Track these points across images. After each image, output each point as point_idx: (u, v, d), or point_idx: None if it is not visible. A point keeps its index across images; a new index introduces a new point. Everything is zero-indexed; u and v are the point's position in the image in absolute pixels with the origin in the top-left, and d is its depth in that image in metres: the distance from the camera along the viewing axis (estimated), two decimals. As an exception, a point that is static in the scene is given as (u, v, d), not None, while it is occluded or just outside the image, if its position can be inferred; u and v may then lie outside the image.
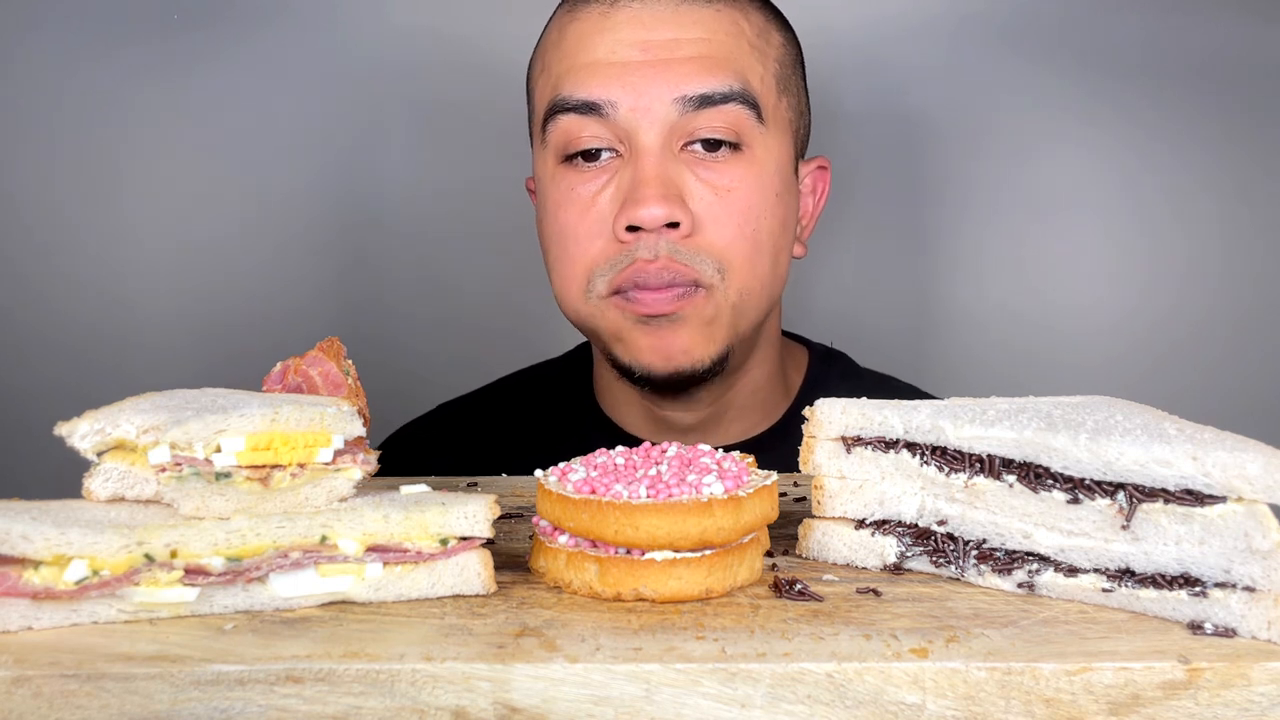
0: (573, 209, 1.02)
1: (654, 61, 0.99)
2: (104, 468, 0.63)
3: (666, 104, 0.98)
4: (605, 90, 0.99)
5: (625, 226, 0.97)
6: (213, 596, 0.59)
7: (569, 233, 1.02)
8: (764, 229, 1.01)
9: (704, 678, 0.53)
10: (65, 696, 0.52)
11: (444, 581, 0.62)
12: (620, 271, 0.99)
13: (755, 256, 1.01)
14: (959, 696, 0.53)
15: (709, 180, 0.99)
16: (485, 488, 0.85)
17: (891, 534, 0.68)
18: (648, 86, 0.98)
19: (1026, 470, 0.63)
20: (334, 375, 0.69)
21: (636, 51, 0.99)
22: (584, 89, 1.00)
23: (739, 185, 1.00)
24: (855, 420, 0.68)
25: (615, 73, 0.99)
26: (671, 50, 0.99)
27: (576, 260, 1.02)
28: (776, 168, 1.03)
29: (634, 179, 0.98)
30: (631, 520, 0.60)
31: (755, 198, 1.01)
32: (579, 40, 1.02)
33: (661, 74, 0.98)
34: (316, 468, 0.61)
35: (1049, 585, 0.63)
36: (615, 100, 0.98)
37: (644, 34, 1.00)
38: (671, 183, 0.98)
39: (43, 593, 0.56)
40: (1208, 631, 0.58)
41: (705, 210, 0.99)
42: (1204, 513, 0.58)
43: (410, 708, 0.53)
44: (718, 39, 1.00)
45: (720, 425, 1.11)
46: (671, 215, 0.96)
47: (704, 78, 0.98)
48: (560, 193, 1.03)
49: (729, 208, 0.99)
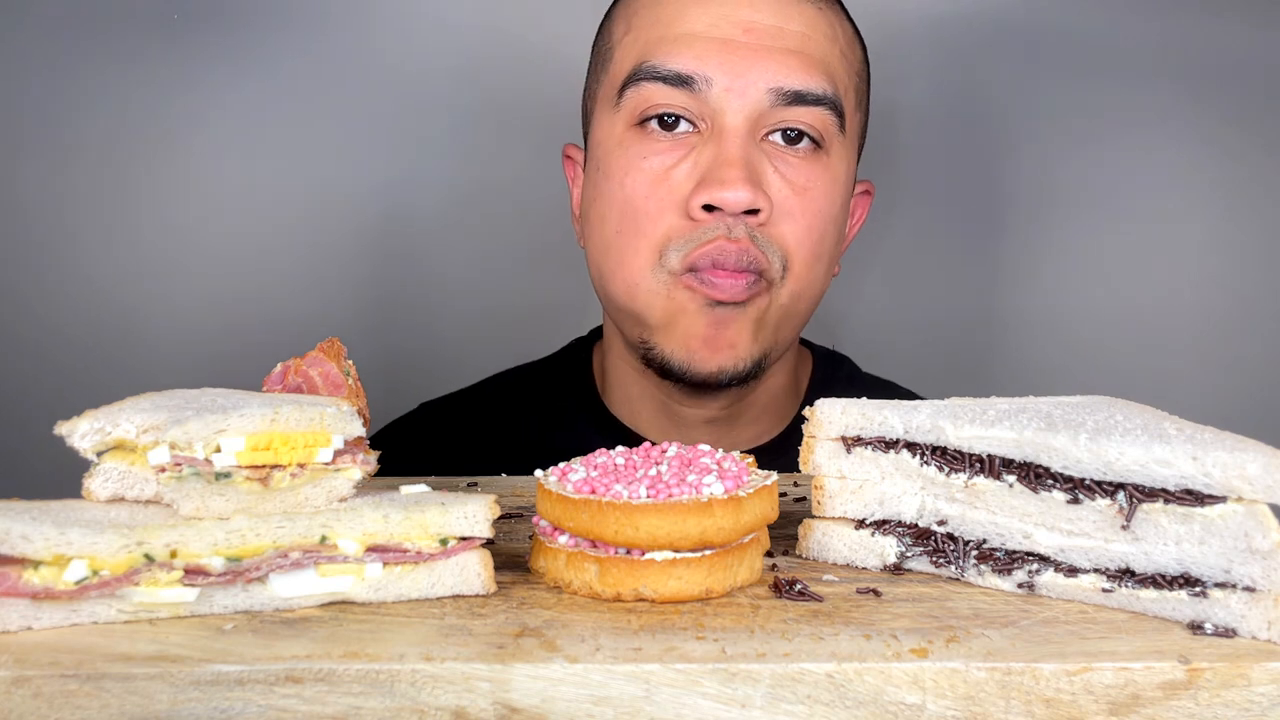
0: (642, 179, 0.98)
1: (755, 46, 0.96)
2: (104, 468, 0.63)
3: (761, 91, 0.96)
4: (701, 65, 0.96)
5: (703, 205, 0.95)
6: (213, 596, 0.59)
7: (637, 204, 0.98)
8: (828, 235, 1.01)
9: (704, 678, 0.53)
10: (65, 696, 0.52)
11: (444, 581, 0.62)
12: (699, 246, 0.96)
13: (815, 261, 1.00)
14: (959, 696, 0.53)
15: (786, 174, 0.98)
16: (485, 488, 0.85)
17: (891, 534, 0.68)
18: (746, 69, 0.96)
19: (1026, 470, 0.63)
20: (334, 375, 0.69)
21: (739, 31, 0.97)
22: (678, 60, 0.97)
23: (814, 186, 0.99)
24: (855, 420, 0.68)
25: (714, 49, 0.96)
26: (774, 38, 0.97)
27: (647, 233, 0.98)
28: (846, 179, 1.03)
29: (717, 158, 0.96)
30: (631, 520, 0.60)
31: (826, 202, 1.00)
32: (678, 7, 0.99)
33: (762, 59, 0.96)
34: (316, 468, 0.61)
35: (1049, 585, 0.63)
36: (710, 77, 0.96)
37: (749, 14, 0.97)
38: (755, 168, 0.96)
39: (43, 593, 0.56)
40: (1208, 631, 0.58)
41: (783, 202, 0.97)
42: (1204, 513, 0.58)
43: (410, 708, 0.53)
44: (817, 38, 0.99)
45: (735, 428, 1.10)
46: (755, 200, 0.94)
47: (802, 74, 0.97)
48: (629, 160, 0.99)
49: (803, 205, 0.98)
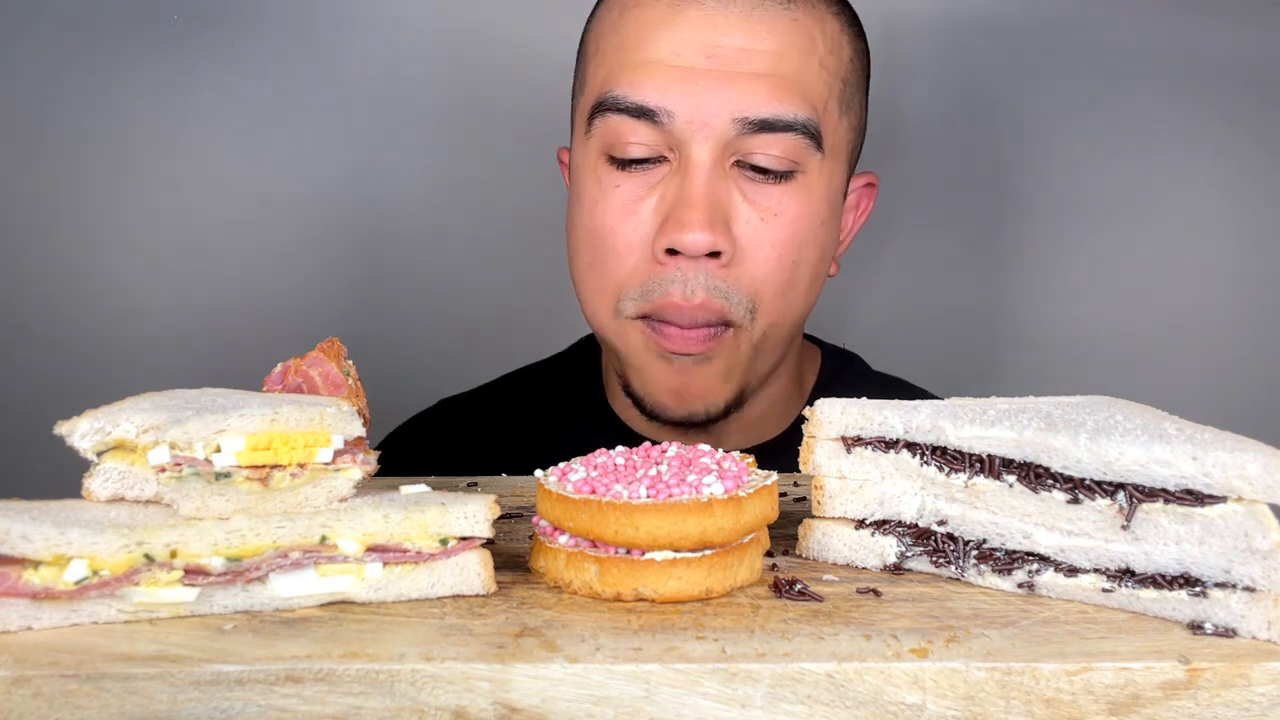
0: (610, 211, 0.97)
1: (719, 72, 0.93)
2: (104, 468, 0.63)
3: (725, 121, 0.93)
4: (662, 97, 0.93)
5: (665, 249, 0.93)
6: (213, 596, 0.59)
7: (605, 241, 0.97)
8: (804, 259, 0.98)
9: (704, 678, 0.53)
10: (65, 696, 0.52)
11: (444, 581, 0.62)
12: (652, 301, 0.95)
13: (788, 290, 0.98)
14: (959, 696, 0.53)
15: (755, 200, 0.95)
16: (485, 488, 0.85)
17: (891, 534, 0.68)
18: (708, 99, 0.92)
19: (1026, 470, 0.63)
20: (334, 376, 0.69)
21: (702, 58, 0.93)
22: (639, 91, 0.94)
23: (785, 210, 0.96)
24: (855, 420, 0.68)
25: (676, 78, 0.93)
26: (739, 62, 0.93)
27: (608, 275, 0.98)
28: (826, 195, 0.99)
29: (679, 196, 0.94)
30: (631, 520, 0.60)
31: (800, 225, 0.97)
32: (640, 32, 0.96)
33: (726, 87, 0.92)
34: (316, 468, 0.61)
35: (1049, 585, 0.63)
36: (672, 109, 0.93)
37: (712, 38, 0.93)
38: (719, 205, 0.94)
39: (43, 593, 0.56)
40: (1208, 631, 0.58)
41: (749, 235, 0.95)
42: (1204, 513, 0.58)
43: (410, 708, 0.53)
44: (789, 55, 0.95)
45: (734, 434, 1.09)
46: (715, 243, 0.92)
47: (769, 101, 0.93)
48: (600, 189, 0.98)
49: (773, 234, 0.95)
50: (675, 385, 0.99)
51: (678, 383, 0.98)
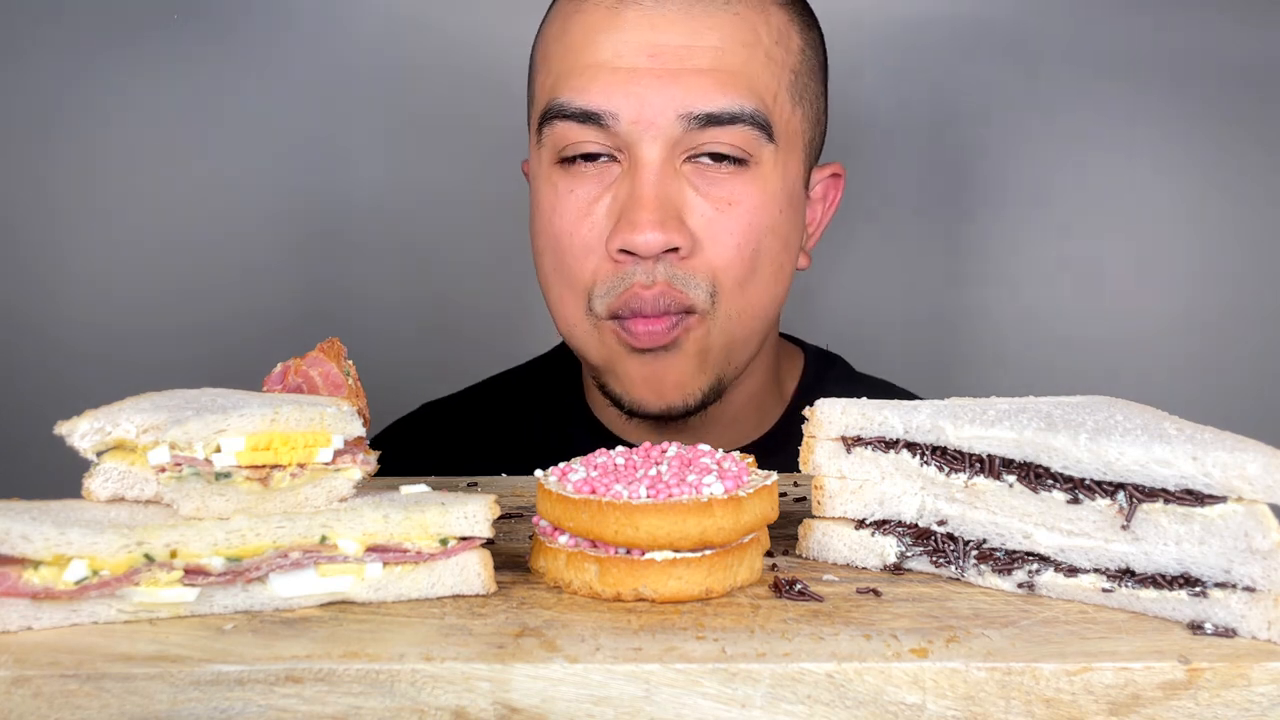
0: (567, 216, 0.97)
1: (661, 70, 0.93)
2: (104, 468, 0.63)
3: (671, 118, 0.93)
4: (606, 99, 0.93)
5: (619, 249, 0.94)
6: (213, 596, 0.59)
7: (563, 244, 0.98)
8: (764, 248, 0.98)
9: (704, 678, 0.53)
10: (65, 696, 0.52)
11: (444, 581, 0.62)
12: (616, 295, 0.96)
13: (749, 278, 0.97)
14: (959, 696, 0.53)
15: (710, 194, 0.95)
16: (485, 488, 0.85)
17: (891, 534, 0.68)
18: (652, 98, 0.93)
19: (1026, 470, 0.63)
20: (334, 376, 0.69)
21: (644, 58, 0.93)
22: (584, 96, 0.94)
23: (741, 199, 0.96)
24: (855, 420, 0.68)
25: (619, 80, 0.93)
26: (681, 59, 0.93)
27: (575, 278, 0.98)
28: (783, 185, 0.99)
29: (630, 197, 0.94)
30: (631, 520, 0.60)
31: (758, 214, 0.96)
32: (582, 36, 0.96)
33: (669, 85, 0.93)
34: (316, 468, 0.61)
35: (1049, 585, 0.63)
36: (617, 111, 0.93)
37: (653, 37, 0.94)
38: (669, 203, 0.94)
39: (42, 593, 0.56)
40: (1208, 631, 0.58)
41: (704, 227, 0.95)
42: (1204, 513, 0.58)
43: (410, 708, 0.53)
44: (732, 49, 0.94)
45: (711, 433, 1.08)
46: (669, 241, 0.92)
47: (713, 95, 0.93)
48: (556, 195, 0.98)
49: (729, 224, 0.95)
50: (649, 377, 0.98)
51: (651, 374, 0.98)
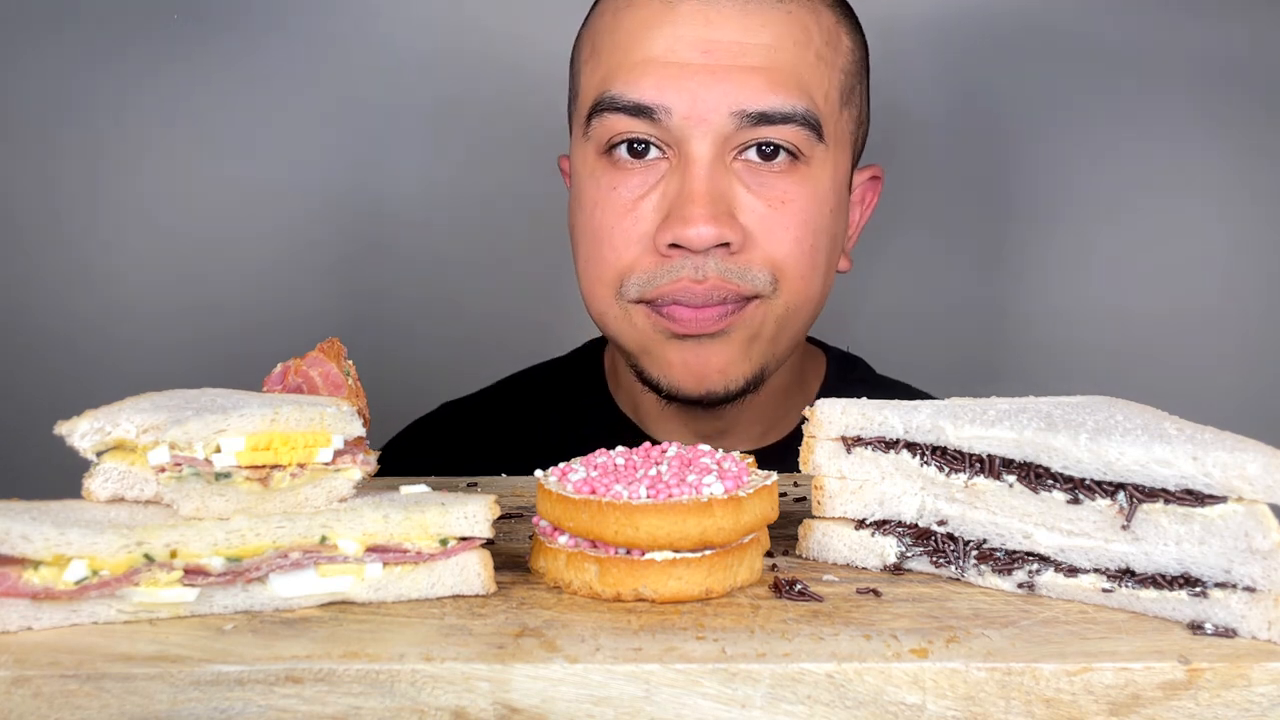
0: (610, 211, 0.97)
1: (715, 67, 0.92)
2: (104, 468, 0.63)
3: (723, 115, 0.92)
4: (659, 94, 0.93)
5: (669, 243, 0.93)
6: (212, 596, 0.59)
7: (604, 235, 0.97)
8: (821, 245, 0.98)
9: (704, 678, 0.53)
10: (65, 696, 0.52)
11: (444, 582, 0.62)
12: (659, 286, 0.95)
13: (810, 272, 0.97)
14: (959, 696, 0.53)
15: (761, 192, 0.95)
16: (485, 488, 0.85)
17: (891, 534, 0.68)
18: (705, 94, 0.92)
19: (1026, 470, 0.63)
20: (334, 376, 0.69)
21: (697, 53, 0.93)
22: (636, 90, 0.94)
23: (794, 198, 0.95)
24: (855, 420, 0.68)
25: (672, 75, 0.93)
26: (735, 56, 0.93)
27: (609, 262, 0.97)
28: (832, 184, 0.99)
29: (681, 192, 0.93)
30: (631, 520, 0.60)
31: (811, 213, 0.96)
32: (635, 31, 0.96)
33: (722, 81, 0.92)
34: (316, 468, 0.61)
35: (1049, 585, 0.63)
36: (669, 106, 0.93)
37: (707, 33, 0.93)
38: (721, 199, 0.93)
39: (42, 593, 0.56)
40: (1208, 632, 0.58)
41: (757, 223, 0.94)
42: (1204, 513, 0.58)
43: (410, 708, 0.53)
44: (785, 47, 0.94)
45: (740, 428, 1.09)
46: (721, 235, 0.92)
47: (766, 94, 0.93)
48: (599, 191, 0.97)
49: (784, 219, 0.95)
50: (691, 361, 0.97)
51: (694, 359, 0.97)
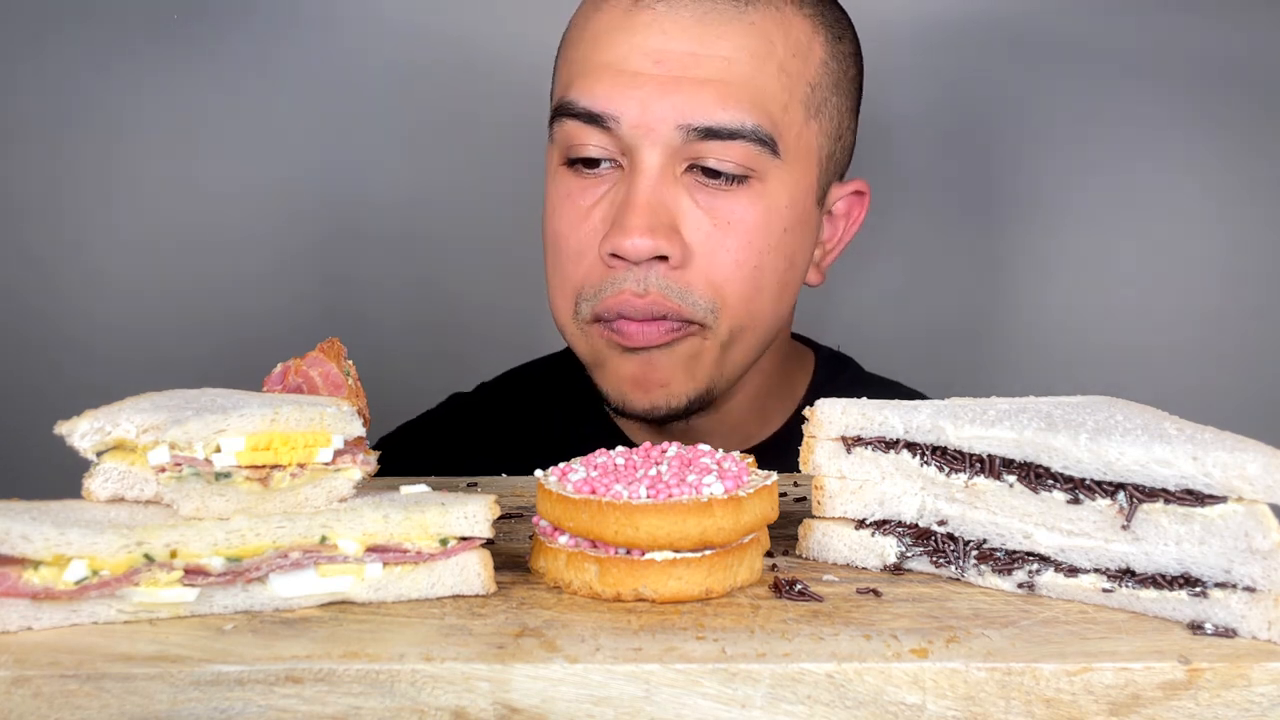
0: (566, 218, 0.98)
1: (665, 78, 0.92)
2: (104, 468, 0.63)
3: (670, 127, 0.92)
4: (609, 102, 0.93)
5: (609, 253, 0.93)
6: (212, 596, 0.59)
7: (562, 244, 0.99)
8: (766, 266, 0.96)
9: (704, 678, 0.53)
10: (65, 696, 0.52)
11: (444, 582, 0.62)
12: (604, 300, 0.95)
13: (753, 295, 0.96)
14: (959, 696, 0.53)
15: (708, 208, 0.94)
16: (485, 488, 0.85)
17: (891, 534, 0.68)
18: (654, 104, 0.92)
19: (1027, 470, 0.63)
20: (334, 376, 0.69)
21: (649, 63, 0.92)
22: (589, 96, 0.94)
23: (741, 218, 0.94)
24: (855, 420, 0.68)
25: (624, 83, 0.93)
26: (687, 67, 0.92)
27: (568, 277, 0.98)
28: (789, 201, 0.97)
29: (624, 202, 0.93)
30: (631, 520, 0.60)
31: (758, 234, 0.95)
32: (596, 37, 0.96)
33: (671, 93, 0.92)
34: (316, 468, 0.61)
35: (1049, 585, 0.63)
36: (619, 114, 0.93)
37: (662, 42, 0.93)
38: (663, 210, 0.93)
39: (42, 593, 0.56)
40: (1208, 632, 0.58)
41: (701, 241, 0.94)
42: (1204, 513, 0.58)
43: (410, 708, 0.53)
44: (740, 59, 0.93)
45: (716, 434, 1.07)
46: (658, 248, 0.91)
47: (714, 108, 0.92)
48: (559, 196, 0.99)
49: (728, 241, 0.94)
50: (636, 374, 0.97)
51: (639, 372, 0.97)
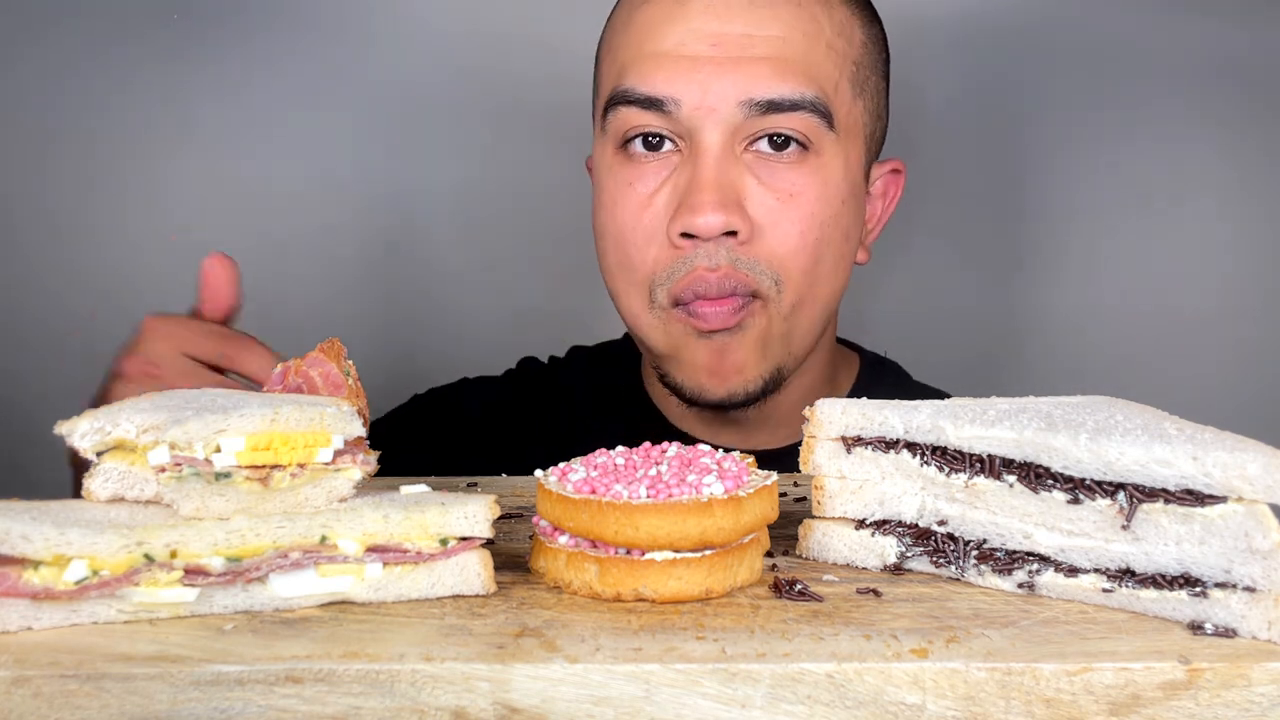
0: (628, 207, 1.00)
1: (723, 59, 0.95)
2: (104, 468, 0.63)
3: (732, 105, 0.95)
4: (670, 86, 0.96)
5: (680, 233, 0.96)
6: (213, 596, 0.59)
7: (626, 236, 1.00)
8: (826, 238, 0.99)
9: (704, 678, 0.53)
10: (65, 696, 0.52)
11: (444, 582, 0.62)
12: (678, 280, 0.97)
13: (813, 267, 0.99)
14: (959, 696, 0.53)
15: (771, 184, 0.97)
16: (485, 488, 0.85)
17: (892, 534, 0.68)
18: (714, 84, 0.95)
19: (1027, 470, 0.63)
20: (334, 376, 0.69)
21: (706, 46, 0.96)
22: (648, 82, 0.97)
23: (802, 190, 0.97)
24: (855, 420, 0.68)
25: (683, 68, 0.96)
26: (743, 48, 0.96)
27: (636, 268, 1.00)
28: (844, 174, 1.00)
29: (691, 182, 0.96)
30: (631, 520, 0.60)
31: (819, 205, 0.98)
32: (648, 28, 0.99)
33: (730, 72, 0.95)
34: (316, 468, 0.61)
35: (1049, 585, 0.63)
36: (679, 98, 0.96)
37: (716, 26, 0.96)
38: (730, 188, 0.96)
39: (42, 593, 0.56)
40: (1208, 632, 0.58)
41: (765, 215, 0.97)
42: (1204, 513, 0.58)
43: (410, 708, 0.53)
44: (793, 38, 0.97)
45: (767, 428, 1.10)
46: (729, 224, 0.94)
47: (774, 82, 0.95)
48: (617, 187, 1.01)
49: (791, 213, 0.97)
50: (712, 362, 1.00)
51: (715, 359, 1.00)
